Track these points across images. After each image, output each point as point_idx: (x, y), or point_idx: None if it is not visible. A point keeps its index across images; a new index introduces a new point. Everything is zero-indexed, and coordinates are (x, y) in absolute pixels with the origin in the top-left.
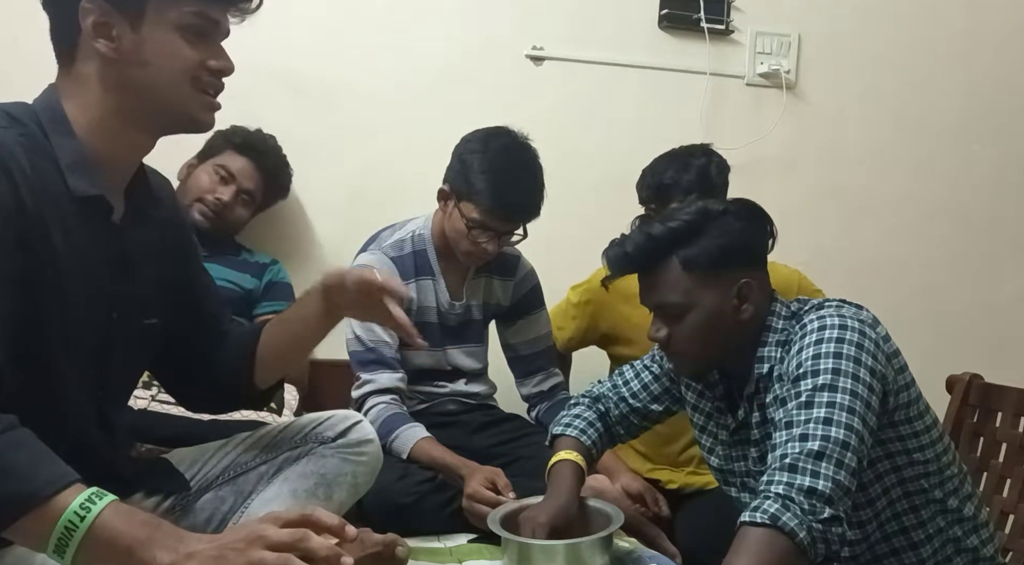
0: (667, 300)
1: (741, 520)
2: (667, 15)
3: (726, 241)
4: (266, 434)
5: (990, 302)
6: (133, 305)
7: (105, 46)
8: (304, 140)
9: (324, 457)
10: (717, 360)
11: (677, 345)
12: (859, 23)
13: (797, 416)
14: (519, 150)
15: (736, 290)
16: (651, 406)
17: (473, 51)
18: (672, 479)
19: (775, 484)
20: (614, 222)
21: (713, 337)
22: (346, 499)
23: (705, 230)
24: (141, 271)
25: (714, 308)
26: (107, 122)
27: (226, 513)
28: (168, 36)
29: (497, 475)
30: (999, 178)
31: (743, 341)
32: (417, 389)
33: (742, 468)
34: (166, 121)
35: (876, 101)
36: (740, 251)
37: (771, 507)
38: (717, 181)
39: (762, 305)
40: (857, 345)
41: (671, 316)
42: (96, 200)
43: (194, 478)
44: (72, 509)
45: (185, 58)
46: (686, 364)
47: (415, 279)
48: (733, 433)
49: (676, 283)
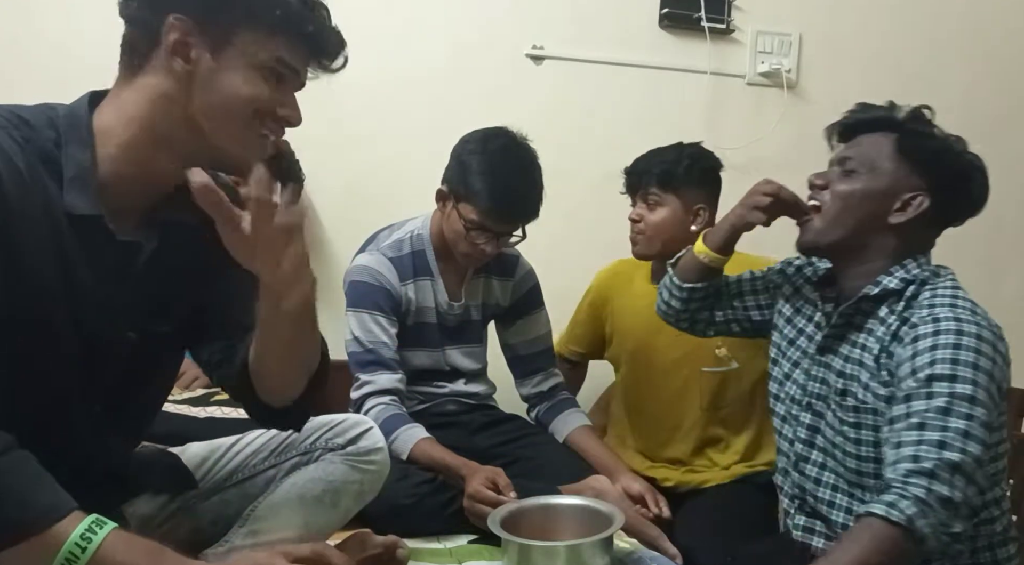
0: (852, 155)
1: (870, 510)
2: (667, 14)
3: (951, 152)
4: (275, 437)
5: (990, 302)
6: (140, 314)
7: (181, 66)
8: (303, 140)
9: (333, 463)
10: (838, 241)
11: (827, 197)
12: (859, 23)
13: (934, 420)
14: (518, 150)
15: (908, 197)
16: (747, 297)
17: (473, 51)
18: (668, 477)
19: (912, 486)
20: (614, 222)
21: (857, 211)
22: (352, 506)
23: (940, 140)
24: (152, 281)
25: (880, 189)
26: (144, 139)
27: (232, 515)
28: (246, 71)
29: (498, 475)
30: (999, 178)
31: (870, 246)
32: (416, 389)
33: (816, 390)
34: (207, 152)
35: (876, 100)
36: (952, 172)
37: (909, 509)
38: (686, 173)
39: (910, 241)
40: (992, 359)
41: (844, 172)
42: (89, 220)
43: (203, 478)
44: (73, 540)
45: (256, 95)
46: (815, 226)
47: (413, 280)
48: (821, 351)
49: (875, 147)
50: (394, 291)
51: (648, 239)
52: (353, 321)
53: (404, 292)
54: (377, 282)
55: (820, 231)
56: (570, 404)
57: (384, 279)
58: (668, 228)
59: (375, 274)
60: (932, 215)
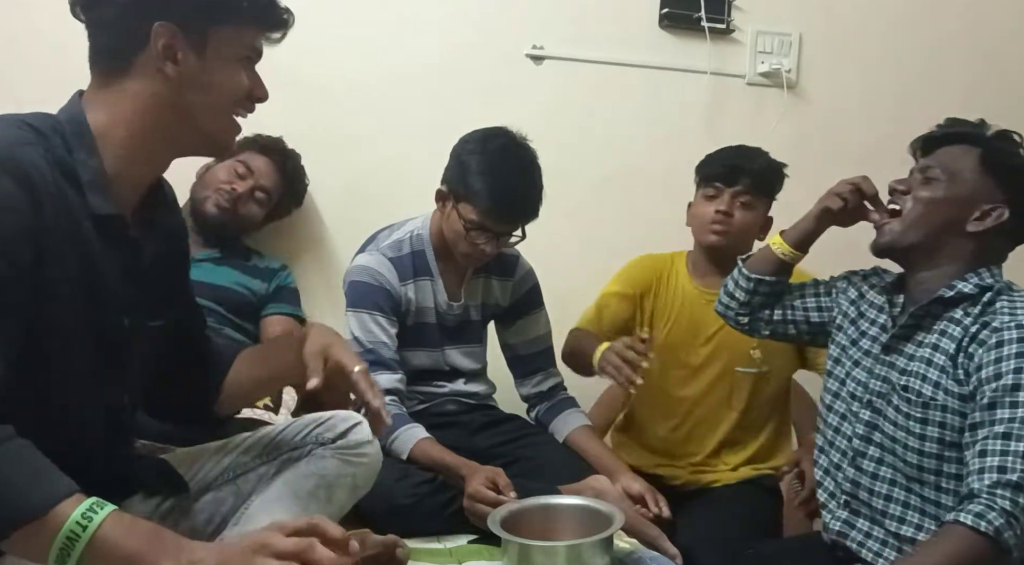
0: (938, 164)
1: (957, 518)
2: (667, 14)
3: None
4: (265, 435)
5: None
6: (143, 310)
7: (172, 69)
8: (303, 140)
9: (324, 458)
10: (916, 243)
11: (909, 202)
12: (859, 23)
13: (1020, 431)
14: (517, 151)
15: (987, 207)
16: (808, 298)
17: (473, 50)
18: (676, 475)
19: (999, 498)
20: (614, 222)
21: (936, 217)
22: (346, 500)
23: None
24: (151, 277)
25: (962, 196)
26: (138, 139)
27: (226, 514)
28: (230, 65)
29: (498, 475)
30: None
31: (945, 250)
32: (416, 389)
33: (878, 388)
34: (197, 144)
35: (876, 101)
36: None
37: (996, 520)
38: (779, 183)
39: (985, 250)
40: None
41: (926, 179)
42: (115, 219)
43: (193, 479)
44: (73, 519)
45: (242, 87)
46: (893, 228)
47: (413, 280)
48: (885, 350)
49: (959, 159)
50: (394, 291)
51: (732, 236)
52: (353, 321)
53: (404, 292)
54: (377, 282)
55: (899, 233)
56: (570, 404)
57: (384, 279)
58: (750, 232)
59: (375, 274)
60: (1009, 228)
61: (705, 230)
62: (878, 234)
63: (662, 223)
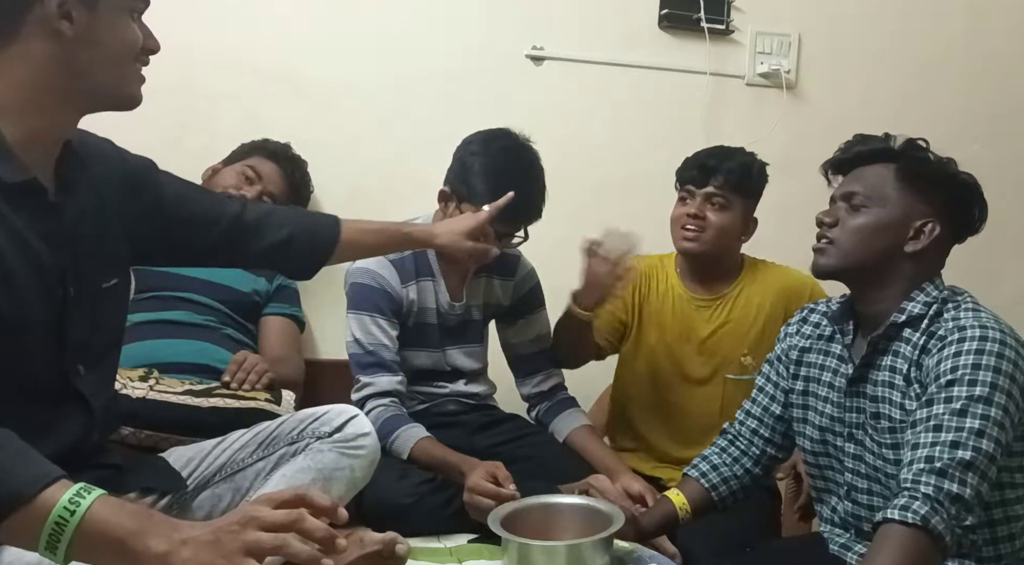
0: (858, 190)
1: (887, 517)
2: (667, 15)
3: (951, 176)
4: (262, 431)
5: (990, 302)
6: (85, 274)
7: (68, 27)
8: (304, 140)
9: (321, 452)
10: (855, 271)
11: (840, 232)
12: (859, 23)
13: (949, 422)
14: (520, 152)
15: (919, 224)
16: (771, 406)
17: (473, 51)
18: (674, 478)
19: (923, 485)
20: (614, 222)
21: (872, 243)
22: (345, 493)
23: (939, 165)
24: (86, 238)
25: (893, 220)
26: (40, 101)
27: (224, 510)
28: (121, 18)
29: (497, 468)
30: (998, 178)
31: (887, 274)
32: (417, 390)
33: (854, 419)
34: (102, 98)
35: (876, 101)
36: (955, 195)
37: (921, 509)
38: (756, 181)
39: (930, 264)
40: (1014, 363)
41: (853, 207)
42: (28, 184)
43: (190, 476)
44: (61, 504)
45: (135, 39)
46: (831, 254)
47: (415, 280)
48: (851, 382)
49: (880, 179)
50: (395, 293)
51: (706, 240)
52: (354, 323)
53: (405, 293)
54: (378, 284)
55: (834, 265)
56: (570, 404)
57: (385, 281)
58: (728, 233)
59: (376, 276)
60: (943, 238)
61: (678, 236)
62: (817, 256)
63: (662, 223)
